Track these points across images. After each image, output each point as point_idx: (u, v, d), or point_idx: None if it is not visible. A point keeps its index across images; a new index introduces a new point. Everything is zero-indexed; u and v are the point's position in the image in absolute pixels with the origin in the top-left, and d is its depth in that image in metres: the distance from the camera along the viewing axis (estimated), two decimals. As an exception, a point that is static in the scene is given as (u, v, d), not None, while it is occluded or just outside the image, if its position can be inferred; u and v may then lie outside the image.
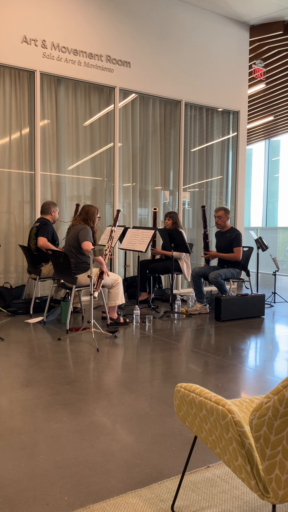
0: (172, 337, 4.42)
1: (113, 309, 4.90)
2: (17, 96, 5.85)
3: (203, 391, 1.53)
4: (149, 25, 6.67)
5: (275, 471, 1.28)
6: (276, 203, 15.89)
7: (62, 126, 6.20)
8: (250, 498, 1.83)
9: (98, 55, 6.24)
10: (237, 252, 5.51)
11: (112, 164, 6.59)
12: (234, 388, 3.06)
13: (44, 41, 5.81)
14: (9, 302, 5.54)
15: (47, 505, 1.76)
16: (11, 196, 5.86)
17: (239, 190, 7.81)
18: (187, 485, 1.91)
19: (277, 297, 6.96)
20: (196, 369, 3.46)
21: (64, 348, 3.98)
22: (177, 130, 7.19)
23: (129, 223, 6.89)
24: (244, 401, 1.81)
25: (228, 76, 7.54)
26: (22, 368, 3.41)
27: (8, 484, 1.90)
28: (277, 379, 3.28)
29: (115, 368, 3.44)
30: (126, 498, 1.81)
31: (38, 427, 2.43)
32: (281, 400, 1.22)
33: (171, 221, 5.99)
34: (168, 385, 3.10)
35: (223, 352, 3.93)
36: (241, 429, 1.34)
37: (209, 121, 7.56)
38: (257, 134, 14.54)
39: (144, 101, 6.89)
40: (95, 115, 6.46)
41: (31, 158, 5.96)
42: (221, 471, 2.02)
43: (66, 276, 4.63)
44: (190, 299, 6.30)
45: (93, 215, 4.75)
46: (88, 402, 2.78)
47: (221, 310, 5.16)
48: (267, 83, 9.60)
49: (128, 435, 2.35)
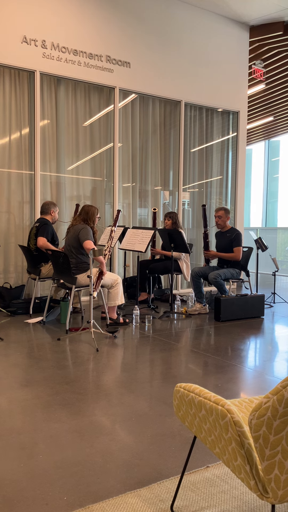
0: (172, 337, 4.42)
1: (112, 309, 4.90)
2: (17, 96, 5.85)
3: (203, 391, 1.53)
4: (149, 25, 6.67)
5: (274, 471, 1.28)
6: (275, 204, 15.89)
7: (62, 126, 6.20)
8: (249, 498, 1.83)
9: (98, 55, 6.24)
10: (237, 252, 5.51)
11: (112, 164, 6.59)
12: (234, 388, 3.06)
13: (44, 41, 5.81)
14: (8, 302, 5.54)
15: (46, 505, 1.76)
16: (11, 196, 5.86)
17: (238, 190, 7.82)
18: (186, 485, 1.91)
19: (276, 298, 6.96)
20: (196, 369, 3.46)
21: (64, 348, 3.98)
22: (177, 130, 7.19)
23: (129, 223, 6.89)
24: (243, 401, 1.81)
25: (228, 77, 7.54)
26: (21, 368, 3.41)
27: (7, 484, 1.90)
28: (276, 379, 3.29)
29: (115, 368, 3.44)
30: (126, 498, 1.81)
31: (38, 427, 2.43)
32: (281, 400, 1.22)
33: (170, 221, 5.99)
34: (167, 385, 3.10)
35: (223, 352, 3.93)
36: (241, 429, 1.34)
37: (209, 122, 7.56)
38: (257, 135, 14.54)
39: (144, 101, 6.89)
40: (95, 115, 6.47)
41: (31, 158, 5.96)
42: (220, 471, 2.02)
43: (66, 276, 4.63)
44: (190, 299, 6.30)
45: (93, 215, 4.75)
46: (87, 402, 2.77)
47: (220, 310, 5.16)
48: (267, 83, 9.61)
49: (128, 435, 2.35)
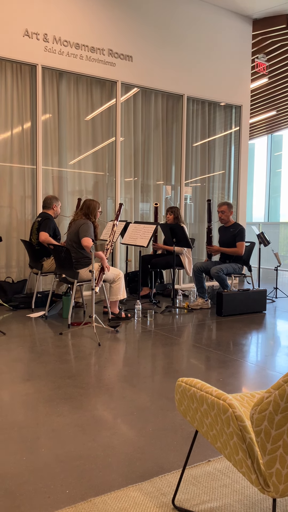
0: (174, 332, 4.42)
1: (114, 304, 4.90)
2: (19, 90, 5.83)
3: (204, 385, 1.53)
4: (151, 19, 6.63)
5: (276, 465, 1.28)
6: (278, 198, 15.85)
7: (64, 121, 6.18)
8: (250, 492, 1.83)
9: (100, 49, 6.21)
10: (240, 247, 5.49)
11: (114, 159, 6.57)
12: (235, 383, 3.07)
13: (45, 34, 5.78)
14: (10, 296, 5.55)
15: (49, 498, 1.77)
16: (12, 190, 5.85)
17: (241, 185, 7.79)
18: (188, 479, 1.91)
19: (278, 293, 6.96)
20: (197, 363, 3.47)
21: (66, 342, 3.99)
22: (179, 124, 7.16)
23: (131, 218, 6.88)
24: (245, 396, 1.81)
25: (230, 70, 7.50)
26: (23, 362, 3.41)
27: (9, 478, 1.91)
28: (278, 374, 3.29)
29: (117, 363, 3.44)
30: (127, 491, 1.82)
31: (40, 421, 2.44)
32: (282, 395, 1.22)
33: (172, 216, 5.98)
34: (169, 379, 3.10)
35: (225, 347, 3.93)
36: (242, 423, 1.34)
37: (211, 116, 7.53)
38: (260, 129, 14.48)
39: (146, 95, 6.86)
40: (97, 110, 6.44)
41: (32, 152, 5.95)
42: (222, 465, 2.02)
43: (68, 271, 4.63)
44: (192, 294, 6.30)
45: (94, 209, 4.74)
46: (89, 396, 2.78)
47: (222, 305, 5.16)
48: (270, 77, 9.55)
49: (129, 429, 2.36)
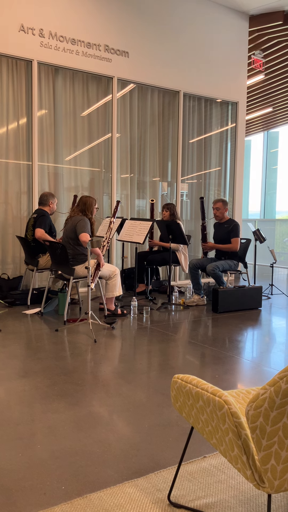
0: (170, 329, 4.43)
1: (110, 301, 4.90)
2: (15, 85, 5.79)
3: (200, 382, 1.53)
4: (148, 15, 6.60)
5: (271, 461, 1.29)
6: (274, 195, 15.87)
7: (60, 116, 6.16)
8: (245, 488, 1.84)
9: (96, 44, 6.18)
10: (234, 243, 5.50)
11: (110, 155, 6.55)
12: (231, 380, 3.08)
13: (41, 30, 5.74)
14: (6, 293, 5.54)
15: (44, 495, 1.78)
16: (8, 186, 5.83)
17: (237, 181, 7.79)
18: (183, 475, 1.92)
19: (274, 289, 6.98)
20: (193, 360, 3.47)
21: (62, 339, 3.98)
22: (175, 121, 7.15)
23: (127, 214, 6.87)
24: (240, 392, 1.82)
25: (227, 67, 7.48)
26: (19, 359, 3.41)
27: (5, 474, 1.91)
28: (273, 370, 3.30)
29: (112, 359, 3.45)
30: (123, 487, 1.82)
31: (35, 417, 2.44)
32: (278, 392, 1.22)
33: (168, 212, 5.98)
34: (165, 376, 3.11)
35: (220, 344, 3.94)
36: (238, 420, 1.35)
37: (207, 112, 7.51)
38: (256, 125, 14.48)
39: (142, 92, 6.84)
40: (93, 105, 6.42)
41: (28, 148, 5.93)
42: (217, 461, 2.03)
43: (64, 267, 4.62)
44: (188, 290, 6.31)
45: (90, 206, 4.73)
46: (85, 392, 2.78)
47: (218, 302, 5.17)
48: (266, 74, 9.55)
49: (125, 425, 2.36)
